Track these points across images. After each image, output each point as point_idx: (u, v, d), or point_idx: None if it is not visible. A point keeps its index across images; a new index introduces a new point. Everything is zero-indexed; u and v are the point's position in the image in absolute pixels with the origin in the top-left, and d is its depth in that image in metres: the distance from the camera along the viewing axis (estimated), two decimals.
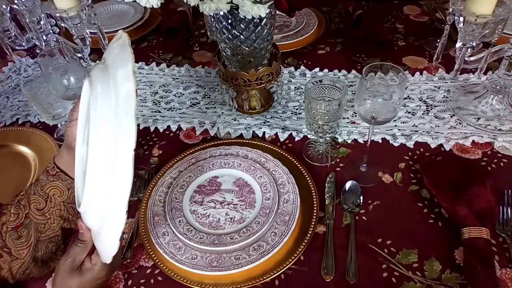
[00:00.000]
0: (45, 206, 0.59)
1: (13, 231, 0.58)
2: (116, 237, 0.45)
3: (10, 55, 1.14)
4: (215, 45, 1.15)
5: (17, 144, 0.89)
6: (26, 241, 0.59)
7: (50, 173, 0.59)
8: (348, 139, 0.84)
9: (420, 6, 1.27)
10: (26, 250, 0.58)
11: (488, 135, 0.82)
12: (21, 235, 0.59)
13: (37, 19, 0.94)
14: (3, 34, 0.99)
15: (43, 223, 0.59)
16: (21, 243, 0.58)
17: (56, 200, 0.59)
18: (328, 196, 0.73)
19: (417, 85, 0.96)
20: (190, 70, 1.08)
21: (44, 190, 0.59)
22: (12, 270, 0.58)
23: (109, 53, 0.50)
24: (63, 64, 0.80)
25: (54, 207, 0.60)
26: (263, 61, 0.85)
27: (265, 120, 0.92)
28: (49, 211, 0.59)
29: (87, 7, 0.88)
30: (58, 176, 0.59)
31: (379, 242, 0.66)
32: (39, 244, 0.60)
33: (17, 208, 0.59)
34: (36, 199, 0.59)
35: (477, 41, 0.78)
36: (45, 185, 0.59)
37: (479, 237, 0.62)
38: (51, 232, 0.60)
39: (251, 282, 0.61)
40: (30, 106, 1.00)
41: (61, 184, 0.59)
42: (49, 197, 0.59)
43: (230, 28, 0.76)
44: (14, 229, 0.58)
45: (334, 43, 1.13)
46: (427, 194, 0.73)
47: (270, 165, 0.76)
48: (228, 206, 0.70)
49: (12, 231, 0.58)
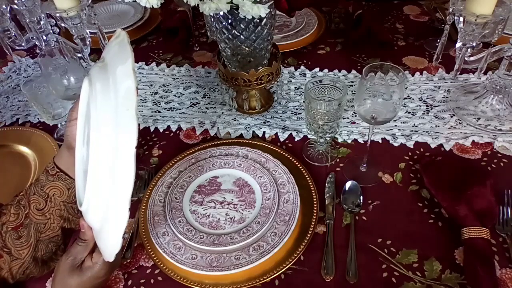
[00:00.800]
0: (45, 206, 0.59)
1: (13, 231, 0.58)
2: (119, 235, 0.45)
3: (10, 55, 1.14)
4: (215, 45, 1.15)
5: (17, 144, 0.89)
6: (26, 241, 0.59)
7: (50, 173, 0.59)
8: (348, 139, 0.84)
9: (420, 6, 1.27)
10: (26, 250, 0.58)
11: (488, 135, 0.82)
12: (21, 235, 0.58)
13: (37, 19, 0.94)
14: (3, 34, 0.99)
15: (43, 223, 0.59)
16: (21, 243, 0.58)
17: (56, 200, 0.59)
18: (328, 196, 0.73)
19: (417, 85, 0.96)
20: (190, 70, 1.08)
21: (44, 190, 0.59)
22: (12, 270, 0.58)
23: (108, 52, 0.50)
24: (63, 64, 0.80)
25: (54, 207, 0.60)
26: (263, 61, 0.85)
27: (265, 120, 0.92)
28: (49, 211, 0.59)
29: (87, 7, 0.88)
30: (58, 176, 0.59)
31: (379, 242, 0.66)
32: (39, 244, 0.60)
33: (17, 208, 0.59)
34: (36, 199, 0.59)
35: (477, 41, 0.78)
36: (45, 185, 0.59)
37: (479, 237, 0.62)
38: (51, 232, 0.60)
39: (251, 282, 0.61)
40: (30, 106, 1.00)
41: (61, 184, 0.59)
42: (49, 197, 0.59)
43: (230, 28, 0.76)
44: (14, 229, 0.58)
45: (334, 43, 1.13)
46: (427, 194, 0.73)
47: (270, 165, 0.76)
48: (228, 206, 0.70)
49: (12, 231, 0.58)
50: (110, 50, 0.49)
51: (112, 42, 0.49)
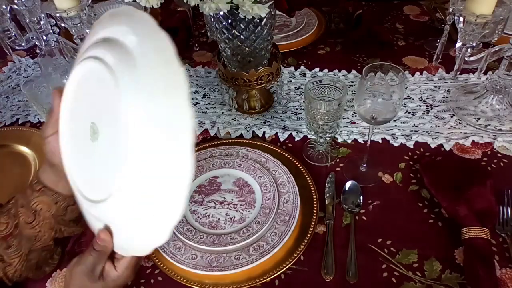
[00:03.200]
0: (33, 219, 0.56)
1: (2, 241, 0.56)
2: (169, 226, 0.40)
3: (10, 55, 1.14)
4: (215, 45, 1.15)
5: (17, 144, 0.89)
6: (16, 250, 0.56)
7: (35, 189, 0.56)
8: (348, 139, 0.84)
9: (420, 6, 1.26)
10: (17, 259, 0.57)
11: (488, 135, 0.82)
12: (10, 245, 0.56)
13: (37, 19, 0.94)
14: (3, 34, 0.99)
15: (33, 235, 0.57)
16: (11, 253, 0.56)
17: (45, 214, 0.56)
18: (328, 196, 0.73)
19: (417, 85, 0.96)
20: (190, 70, 1.08)
21: (30, 205, 0.56)
22: (7, 275, 0.57)
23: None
24: (63, 64, 0.80)
25: (43, 221, 0.57)
26: (263, 61, 0.85)
27: (265, 120, 0.92)
28: (39, 224, 0.56)
29: (87, 7, 0.88)
30: (43, 192, 0.56)
31: (379, 242, 0.66)
32: (32, 253, 0.58)
33: (6, 217, 0.57)
34: (24, 213, 0.56)
35: (477, 41, 0.78)
36: (31, 200, 0.56)
37: (479, 237, 0.62)
38: (42, 244, 0.58)
39: (251, 282, 0.61)
40: (30, 106, 1.00)
41: (47, 199, 0.56)
42: (37, 211, 0.56)
43: (230, 28, 0.76)
44: (3, 239, 0.56)
45: (334, 43, 1.13)
46: (427, 194, 0.73)
47: (270, 165, 0.76)
48: (228, 206, 0.70)
49: (1, 241, 0.56)
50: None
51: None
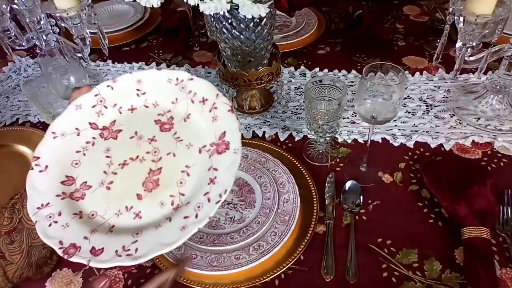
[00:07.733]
0: None
1: (6, 235, 0.57)
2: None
3: (10, 55, 1.14)
4: (215, 45, 1.15)
5: (17, 144, 0.89)
6: (19, 246, 0.57)
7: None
8: (348, 139, 0.84)
9: (420, 6, 1.27)
10: (18, 256, 0.57)
11: (488, 135, 0.82)
12: (14, 240, 0.57)
13: (37, 19, 0.94)
14: (3, 34, 0.99)
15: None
16: (13, 248, 0.57)
17: None
18: (328, 196, 0.73)
19: (417, 85, 0.96)
20: (190, 70, 1.08)
21: None
22: (7, 275, 0.57)
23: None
24: (63, 64, 0.80)
25: None
26: (263, 61, 0.85)
27: (265, 120, 0.92)
28: None
29: (87, 7, 0.88)
30: None
31: (379, 242, 0.66)
32: (32, 250, 0.58)
33: (11, 212, 0.58)
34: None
35: (477, 41, 0.78)
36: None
37: (479, 237, 0.62)
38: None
39: (251, 282, 0.61)
40: (30, 106, 1.00)
41: None
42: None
43: (230, 28, 0.76)
44: (7, 234, 0.57)
45: (334, 43, 1.13)
46: (427, 194, 0.73)
47: (270, 164, 0.76)
48: (228, 205, 0.70)
49: (5, 235, 0.57)
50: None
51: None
